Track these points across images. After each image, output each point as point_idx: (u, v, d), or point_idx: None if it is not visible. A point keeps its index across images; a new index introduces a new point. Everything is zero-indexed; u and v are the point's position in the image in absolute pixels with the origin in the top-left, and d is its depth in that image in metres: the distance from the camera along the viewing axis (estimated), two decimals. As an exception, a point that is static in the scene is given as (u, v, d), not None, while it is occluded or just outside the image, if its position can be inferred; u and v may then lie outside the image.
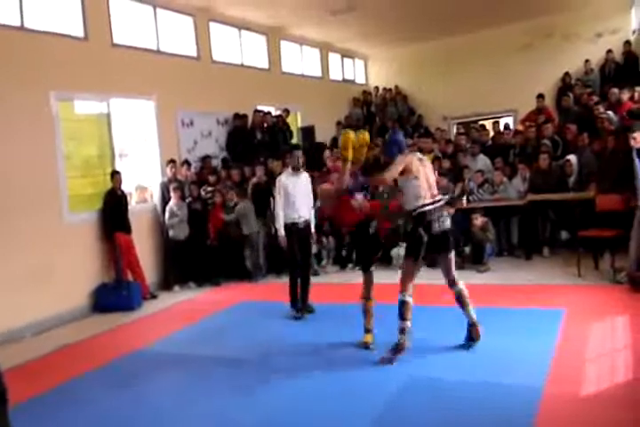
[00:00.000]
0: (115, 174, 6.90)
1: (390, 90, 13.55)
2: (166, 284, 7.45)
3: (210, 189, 7.87)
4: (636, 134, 5.40)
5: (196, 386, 4.11)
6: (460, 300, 4.44)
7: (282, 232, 5.60)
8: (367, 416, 3.39)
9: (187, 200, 7.59)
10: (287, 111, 10.18)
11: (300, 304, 5.68)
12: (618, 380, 3.60)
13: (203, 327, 5.62)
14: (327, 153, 8.31)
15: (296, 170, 5.68)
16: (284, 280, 7.41)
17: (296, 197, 5.56)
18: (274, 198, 5.97)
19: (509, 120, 11.99)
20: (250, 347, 4.86)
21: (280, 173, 6.06)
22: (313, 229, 5.87)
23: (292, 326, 5.34)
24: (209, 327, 5.62)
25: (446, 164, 8.55)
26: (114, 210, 6.78)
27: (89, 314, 6.45)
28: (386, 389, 3.74)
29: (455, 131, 12.10)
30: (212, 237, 7.55)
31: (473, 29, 11.97)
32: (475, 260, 7.27)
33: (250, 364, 4.47)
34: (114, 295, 6.47)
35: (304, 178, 5.74)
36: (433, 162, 8.85)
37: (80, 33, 6.91)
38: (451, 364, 4.10)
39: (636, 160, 5.50)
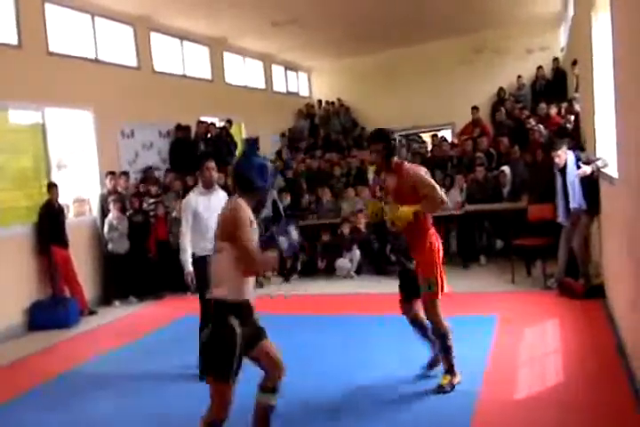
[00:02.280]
0: (51, 187, 6.68)
1: (333, 103, 13.76)
2: (106, 299, 7.25)
3: (152, 200, 7.75)
4: (559, 152, 5.67)
5: (133, 407, 4.01)
6: None
7: (189, 268, 4.28)
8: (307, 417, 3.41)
9: (127, 213, 7.43)
10: (230, 122, 10.16)
11: None
12: (549, 383, 3.79)
13: (144, 343, 5.50)
14: None
15: (208, 187, 4.40)
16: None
17: (209, 221, 4.09)
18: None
19: (447, 133, 12.42)
20: (185, 364, 4.76)
21: (190, 190, 4.69)
22: None
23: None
24: (151, 343, 5.51)
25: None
26: (50, 223, 6.56)
27: (24, 333, 6.19)
28: (330, 396, 3.78)
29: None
30: (154, 250, 7.43)
31: (412, 44, 12.37)
32: (416, 269, 7.46)
33: (194, 380, 4.41)
34: (50, 312, 6.24)
35: (221, 197, 4.30)
36: (375, 173, 9.10)
37: (14, 40, 6.69)
38: (388, 371, 4.18)
39: (559, 177, 5.80)
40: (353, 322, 5.63)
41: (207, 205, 4.28)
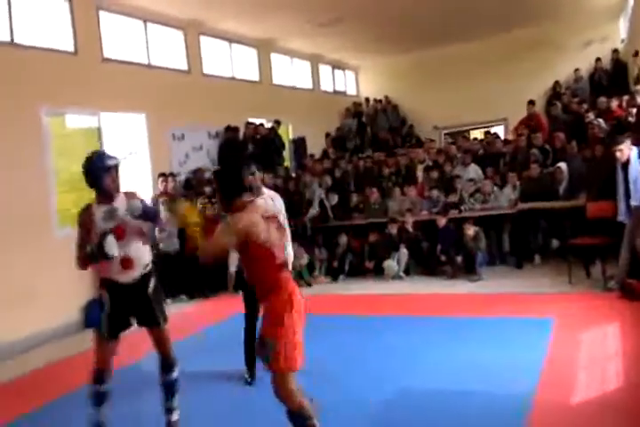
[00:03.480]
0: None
1: (381, 100, 13.64)
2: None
3: (205, 200, 7.84)
4: (622, 147, 5.41)
5: (190, 402, 4.07)
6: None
7: (231, 268, 4.32)
8: (357, 419, 3.36)
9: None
10: (278, 122, 10.22)
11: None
12: (609, 387, 3.59)
13: (195, 341, 5.58)
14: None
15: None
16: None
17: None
18: None
19: (500, 129, 12.07)
20: (236, 360, 4.82)
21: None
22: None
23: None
24: (201, 341, 5.58)
25: (434, 174, 8.61)
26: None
27: (80, 330, 6.40)
28: (373, 400, 3.72)
29: (444, 140, 12.20)
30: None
31: (464, 39, 12.09)
32: (467, 269, 7.28)
33: (233, 377, 4.44)
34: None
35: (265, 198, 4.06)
36: (424, 171, 8.94)
37: (70, 48, 6.94)
38: (439, 374, 4.08)
39: (620, 173, 5.52)
40: (401, 323, 5.53)
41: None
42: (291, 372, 2.81)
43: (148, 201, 7.71)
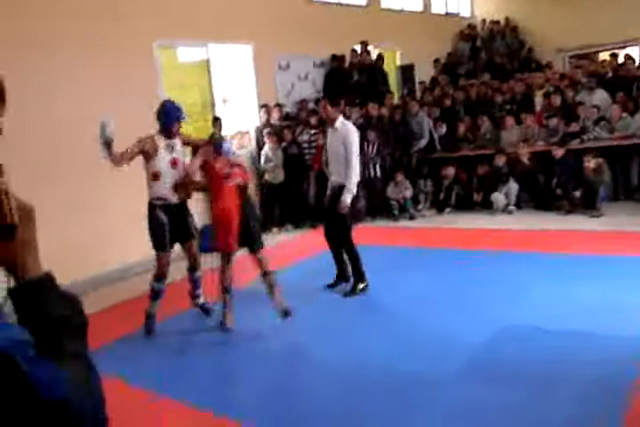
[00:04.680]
0: (216, 120, 7.07)
1: (498, 22, 12.52)
2: (264, 226, 7.69)
3: (313, 131, 7.82)
4: None
5: (288, 326, 4.28)
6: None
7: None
8: (456, 364, 3.35)
9: (282, 144, 7.65)
10: (381, 57, 9.68)
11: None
12: None
13: (297, 269, 5.77)
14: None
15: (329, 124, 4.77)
16: (379, 224, 7.40)
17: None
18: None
19: (634, 51, 10.68)
20: (343, 288, 4.96)
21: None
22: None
23: (389, 271, 5.25)
24: (303, 270, 5.75)
25: (555, 100, 7.87)
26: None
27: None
28: (475, 338, 3.66)
29: (568, 64, 11.05)
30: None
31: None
32: (587, 204, 6.77)
33: (345, 306, 4.57)
34: (213, 238, 6.77)
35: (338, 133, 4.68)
36: (544, 98, 8.23)
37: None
38: (548, 313, 3.91)
39: None
40: (507, 259, 5.33)
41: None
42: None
43: (253, 133, 7.87)
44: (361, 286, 4.80)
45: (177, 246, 4.39)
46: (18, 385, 0.61)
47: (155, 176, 4.10)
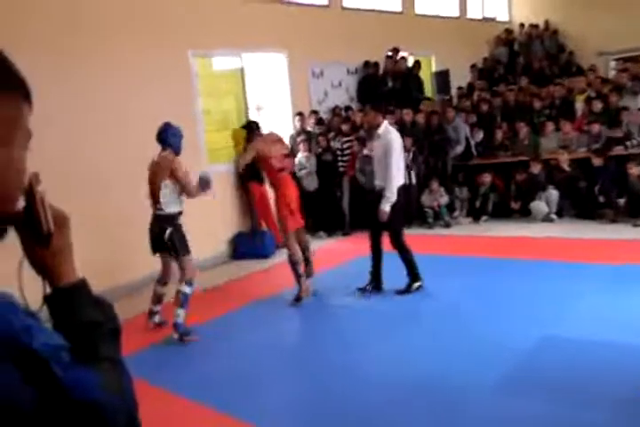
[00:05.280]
0: (249, 124, 7.08)
1: (537, 26, 12.27)
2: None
3: (345, 139, 7.78)
4: None
5: (322, 332, 4.23)
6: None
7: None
8: (494, 373, 3.24)
9: (316, 151, 7.62)
10: (419, 63, 9.61)
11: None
12: None
13: (331, 276, 5.72)
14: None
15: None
16: (414, 232, 7.27)
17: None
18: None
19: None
20: (378, 297, 4.88)
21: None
22: None
23: (425, 280, 5.12)
24: (337, 277, 5.70)
25: (597, 106, 7.62)
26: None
27: (229, 260, 6.87)
28: (515, 348, 3.54)
29: (611, 68, 10.72)
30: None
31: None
32: (631, 213, 6.51)
33: (379, 313, 4.50)
34: (250, 244, 6.81)
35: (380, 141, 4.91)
36: (585, 103, 7.99)
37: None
38: (591, 325, 3.76)
39: None
40: (548, 268, 5.15)
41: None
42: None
43: (287, 140, 7.86)
44: (416, 285, 4.89)
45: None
46: (52, 389, 0.62)
47: (181, 192, 4.38)
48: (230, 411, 3.13)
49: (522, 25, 12.60)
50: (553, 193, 7.02)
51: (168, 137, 4.31)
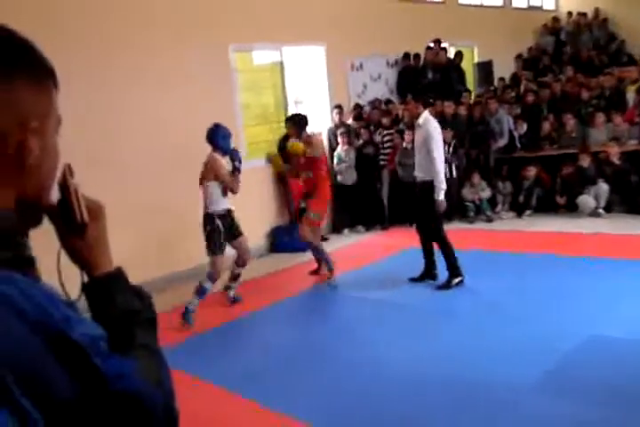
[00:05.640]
0: (286, 121, 7.07)
1: (585, 14, 11.82)
2: (336, 227, 7.63)
3: (386, 132, 7.68)
4: None
5: (361, 327, 4.19)
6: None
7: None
8: (534, 373, 3.14)
9: (357, 144, 7.55)
10: (460, 55, 9.37)
11: None
12: None
13: (370, 271, 5.67)
14: None
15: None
16: (455, 226, 7.12)
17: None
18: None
19: None
20: (416, 293, 4.81)
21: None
22: None
23: (466, 276, 4.97)
24: (376, 271, 5.64)
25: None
26: (287, 155, 7.00)
27: (267, 253, 6.89)
28: (561, 346, 3.42)
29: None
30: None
31: None
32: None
33: (420, 309, 4.43)
34: (288, 237, 6.80)
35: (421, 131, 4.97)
36: (637, 93, 7.66)
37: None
38: (638, 322, 3.59)
39: None
40: (595, 265, 4.96)
41: None
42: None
43: (326, 133, 7.83)
44: (456, 280, 4.82)
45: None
46: (93, 380, 0.62)
47: (225, 192, 4.58)
48: (267, 403, 3.14)
49: (569, 13, 12.17)
50: (603, 186, 6.75)
51: (217, 139, 4.59)
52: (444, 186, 4.70)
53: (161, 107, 5.85)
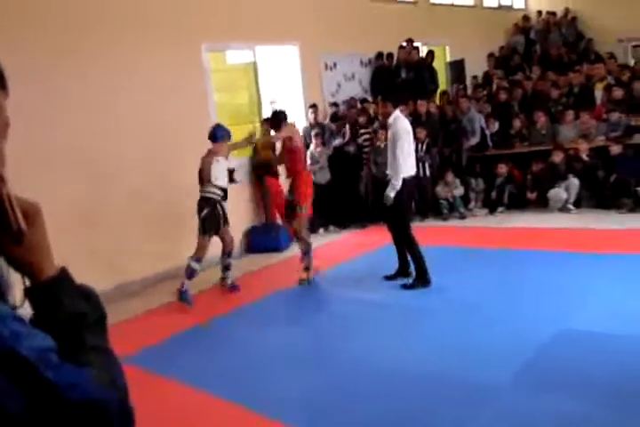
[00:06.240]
0: (264, 122, 7.08)
1: (554, 13, 12.03)
2: (312, 227, 7.63)
3: (363, 130, 7.71)
4: None
5: (339, 326, 4.22)
6: None
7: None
8: (511, 370, 3.19)
9: (339, 143, 7.52)
10: (432, 53, 9.47)
11: None
12: None
13: (346, 269, 5.70)
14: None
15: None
16: (429, 224, 7.21)
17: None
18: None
19: None
20: (394, 292, 4.84)
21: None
22: None
23: (440, 273, 5.03)
24: (351, 269, 5.68)
25: (618, 93, 7.46)
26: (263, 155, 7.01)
27: (243, 254, 6.88)
28: (531, 342, 3.49)
29: (631, 56, 10.48)
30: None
31: None
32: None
33: (395, 307, 4.47)
34: (264, 237, 6.81)
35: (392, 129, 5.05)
36: (605, 90, 7.83)
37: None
38: (610, 318, 3.70)
39: None
40: (565, 260, 5.07)
41: None
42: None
43: (301, 132, 7.83)
44: (421, 284, 4.83)
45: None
46: (44, 391, 0.62)
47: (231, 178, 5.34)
48: (244, 402, 3.15)
49: (539, 12, 12.38)
50: (574, 181, 6.89)
51: (222, 135, 5.14)
52: (398, 184, 4.69)
53: (135, 107, 5.80)
